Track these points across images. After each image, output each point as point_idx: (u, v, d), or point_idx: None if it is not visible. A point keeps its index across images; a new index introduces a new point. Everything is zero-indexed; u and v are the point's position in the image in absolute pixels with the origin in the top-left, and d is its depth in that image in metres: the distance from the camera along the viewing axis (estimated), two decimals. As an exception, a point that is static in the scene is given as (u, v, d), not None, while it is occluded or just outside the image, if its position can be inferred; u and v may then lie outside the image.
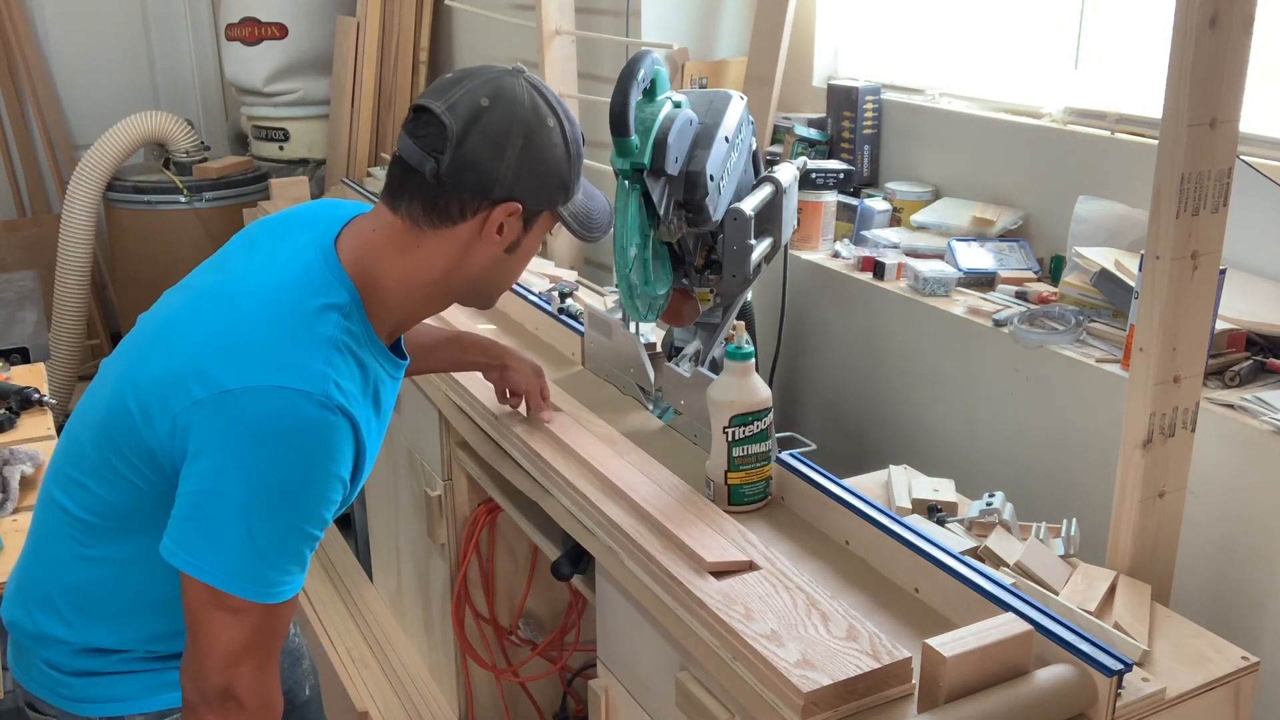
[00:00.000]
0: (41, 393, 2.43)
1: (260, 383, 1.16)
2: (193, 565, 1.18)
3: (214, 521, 1.17)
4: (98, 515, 1.29)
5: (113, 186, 4.26)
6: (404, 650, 2.70)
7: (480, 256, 1.31)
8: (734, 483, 1.62)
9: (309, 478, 1.18)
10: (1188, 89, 1.36)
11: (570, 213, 1.36)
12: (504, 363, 1.88)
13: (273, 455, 1.15)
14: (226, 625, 1.19)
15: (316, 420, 1.17)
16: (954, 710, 1.19)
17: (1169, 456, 1.50)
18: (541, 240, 1.39)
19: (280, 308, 1.23)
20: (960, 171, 2.79)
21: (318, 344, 1.21)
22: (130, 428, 1.22)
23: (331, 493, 1.21)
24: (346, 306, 1.25)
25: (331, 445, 1.19)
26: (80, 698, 1.34)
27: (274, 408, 1.15)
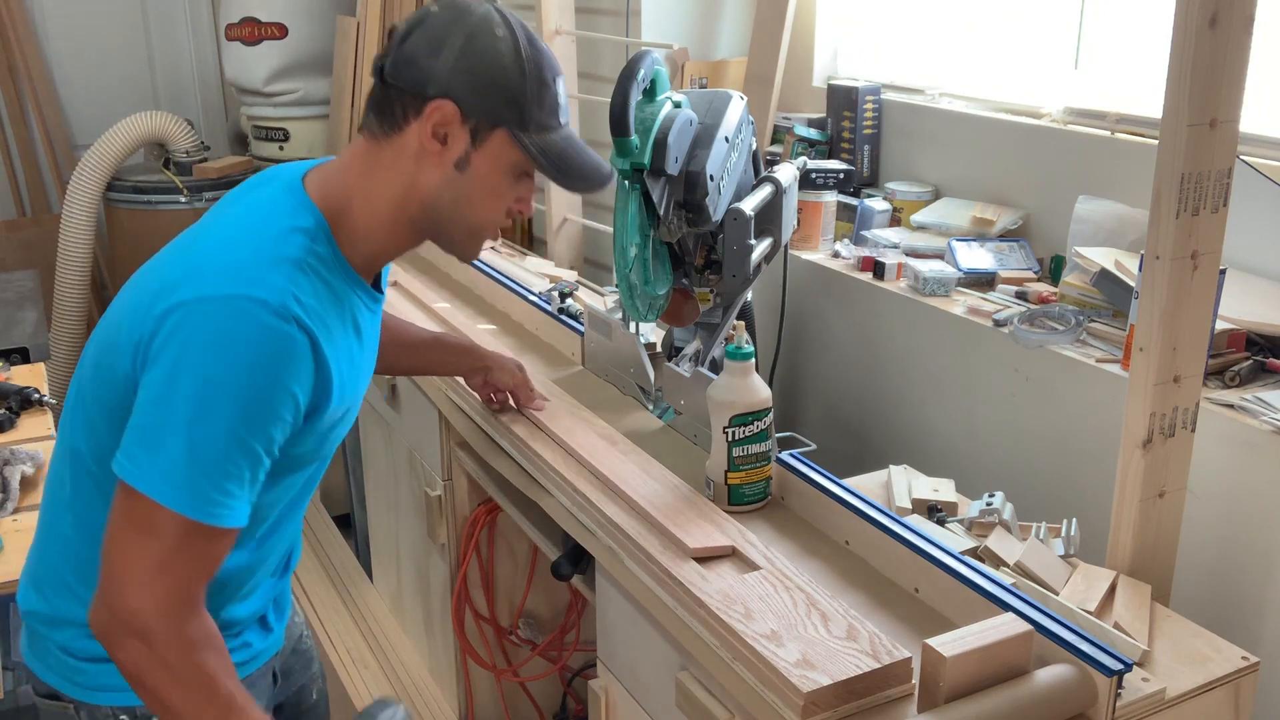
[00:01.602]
0: (41, 393, 2.43)
1: (216, 292, 1.15)
2: (129, 471, 1.14)
3: (158, 429, 1.13)
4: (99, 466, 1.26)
5: (113, 186, 4.25)
6: (404, 650, 2.70)
7: (430, 172, 1.27)
8: (734, 483, 1.62)
9: (257, 386, 1.14)
10: (1188, 89, 1.36)
11: (536, 146, 1.28)
12: (486, 365, 1.88)
13: (223, 361, 1.13)
14: (147, 541, 1.14)
15: (271, 329, 1.14)
16: (954, 710, 1.19)
17: (1169, 456, 1.50)
18: (506, 173, 1.29)
19: (245, 230, 1.23)
20: (960, 171, 2.79)
21: (280, 262, 1.19)
22: (110, 367, 1.22)
23: (281, 408, 1.17)
24: (313, 230, 1.24)
25: (284, 356, 1.16)
26: (95, 685, 1.32)
27: (228, 314, 1.14)
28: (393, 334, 1.74)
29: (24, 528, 1.96)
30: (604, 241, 3.38)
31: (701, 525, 1.54)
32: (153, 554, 1.14)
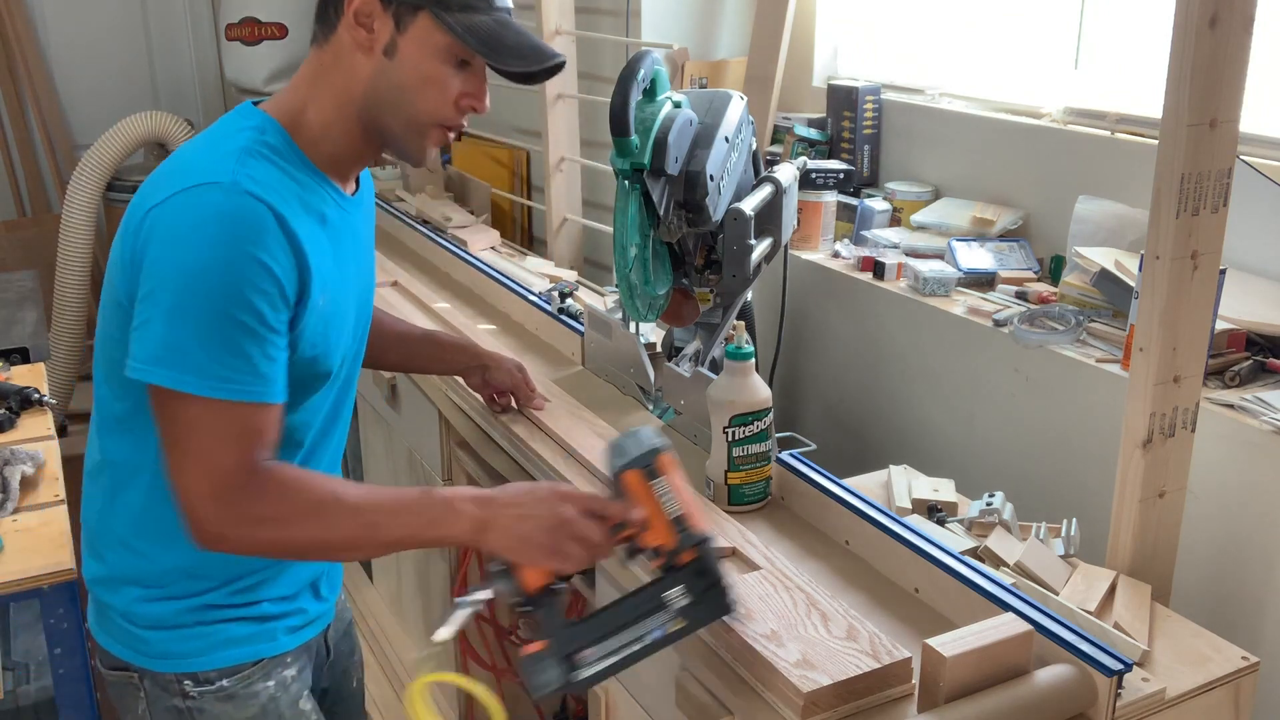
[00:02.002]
0: (41, 393, 2.43)
1: (173, 190, 1.20)
2: (136, 368, 1.19)
3: (150, 323, 1.18)
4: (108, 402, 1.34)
5: (113, 186, 4.25)
6: (404, 650, 2.70)
7: (362, 63, 1.29)
8: (734, 483, 1.62)
9: (226, 259, 1.17)
10: (1188, 89, 1.36)
11: (461, 25, 1.26)
12: (483, 363, 1.88)
13: (189, 245, 1.17)
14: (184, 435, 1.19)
15: (226, 204, 1.18)
16: (954, 710, 1.19)
17: (1169, 456, 1.50)
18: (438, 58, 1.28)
19: (197, 143, 1.29)
20: (960, 171, 2.79)
21: (229, 152, 1.24)
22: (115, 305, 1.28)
23: (255, 277, 1.18)
24: (260, 125, 1.28)
25: (245, 226, 1.18)
26: (157, 654, 1.35)
27: (186, 204, 1.19)
28: (384, 328, 1.74)
29: (24, 527, 1.96)
30: (604, 241, 3.38)
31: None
32: (193, 447, 1.18)
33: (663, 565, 1.22)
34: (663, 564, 1.22)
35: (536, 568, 1.21)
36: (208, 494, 1.19)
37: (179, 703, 1.37)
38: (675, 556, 1.20)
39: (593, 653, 1.18)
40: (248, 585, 1.38)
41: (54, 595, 1.86)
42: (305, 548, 1.25)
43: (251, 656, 1.38)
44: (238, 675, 1.38)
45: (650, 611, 1.20)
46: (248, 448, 1.21)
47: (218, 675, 1.37)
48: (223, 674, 1.37)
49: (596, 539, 1.22)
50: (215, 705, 1.37)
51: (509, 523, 1.22)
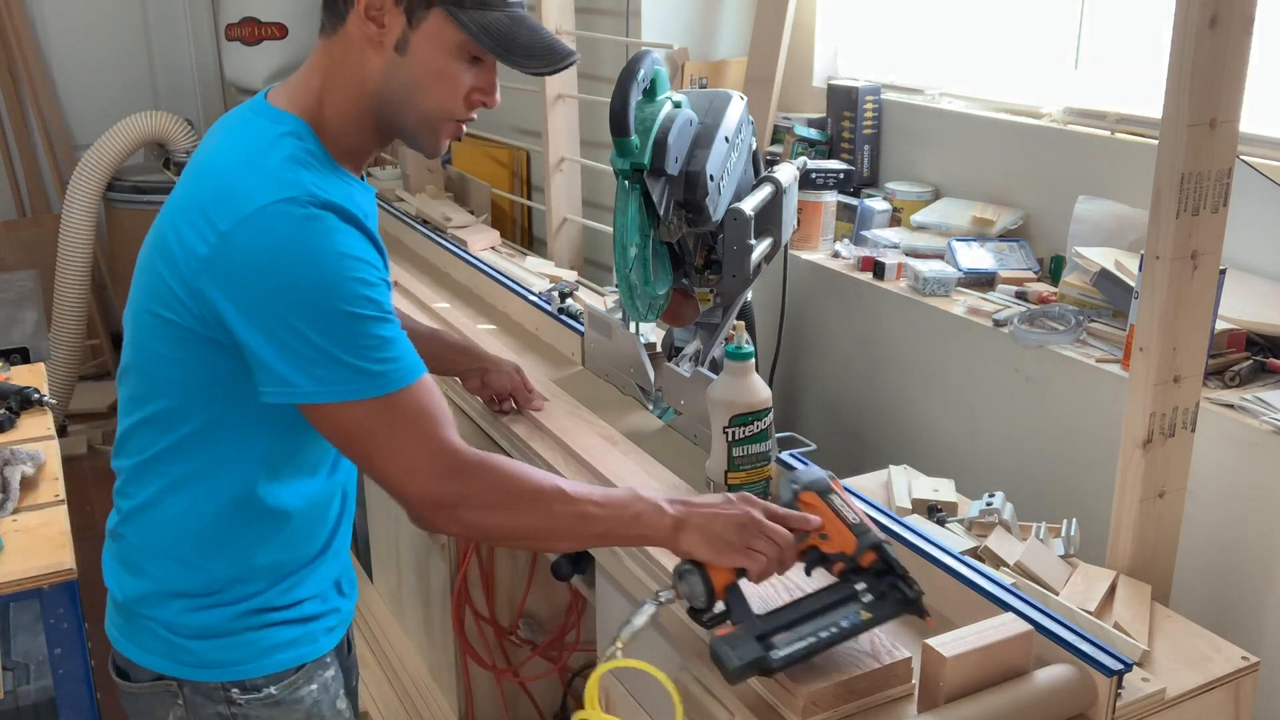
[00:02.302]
0: (41, 393, 2.43)
1: (244, 211, 1.17)
2: (289, 392, 1.19)
3: (279, 349, 1.17)
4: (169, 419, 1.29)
5: (113, 186, 4.26)
6: (404, 650, 2.70)
7: (373, 58, 1.27)
8: (734, 483, 1.62)
9: (332, 266, 1.18)
10: (1188, 89, 1.36)
11: (476, 23, 1.24)
12: (483, 366, 1.88)
13: (293, 265, 1.17)
14: (373, 436, 1.21)
15: (307, 215, 1.18)
16: (954, 710, 1.19)
17: (1169, 456, 1.50)
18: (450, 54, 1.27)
19: (238, 155, 1.24)
20: (960, 171, 2.79)
21: (280, 163, 1.22)
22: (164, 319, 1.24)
23: (357, 271, 1.20)
24: (299, 130, 1.27)
25: (334, 231, 1.19)
26: (202, 663, 1.34)
27: (269, 225, 1.17)
28: None
29: (24, 527, 1.96)
30: (604, 241, 3.38)
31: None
32: (385, 449, 1.21)
33: (844, 570, 1.27)
34: (843, 568, 1.27)
35: (726, 567, 1.25)
36: (432, 475, 1.22)
37: (223, 710, 1.35)
38: (856, 560, 1.26)
39: (785, 637, 1.22)
40: (291, 585, 1.38)
41: (54, 595, 1.86)
42: (526, 532, 1.29)
43: (296, 661, 1.38)
44: (284, 682, 1.37)
45: (839, 604, 1.25)
46: (441, 424, 1.23)
47: (265, 682, 1.36)
48: (269, 680, 1.36)
49: (783, 540, 1.26)
50: (261, 712, 1.36)
51: (702, 522, 1.26)
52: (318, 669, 1.41)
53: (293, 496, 1.35)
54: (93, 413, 4.55)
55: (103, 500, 4.08)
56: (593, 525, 1.27)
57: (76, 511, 2.14)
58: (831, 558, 1.28)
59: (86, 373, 4.70)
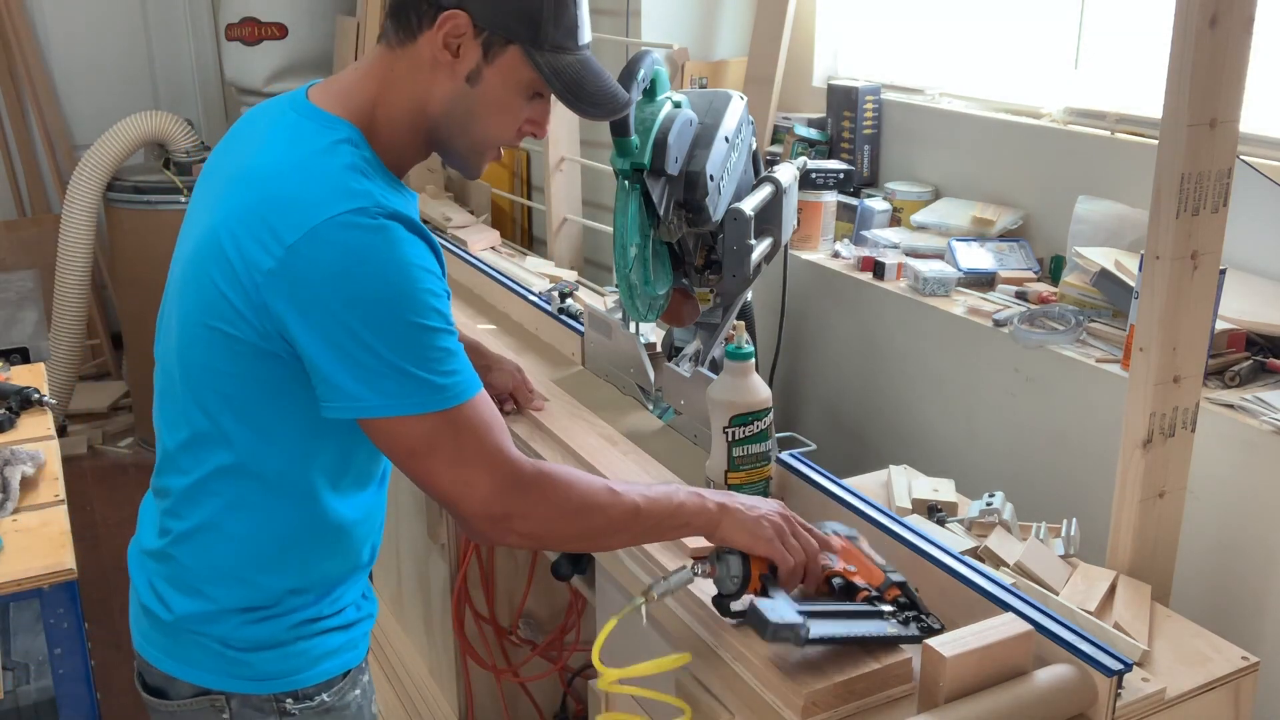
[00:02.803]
0: (41, 393, 2.43)
1: (314, 221, 1.15)
2: (355, 407, 1.18)
3: (345, 362, 1.16)
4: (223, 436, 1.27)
5: (113, 186, 4.25)
6: (404, 650, 2.70)
7: (442, 85, 1.26)
8: (734, 483, 1.62)
9: (400, 277, 1.17)
10: (1188, 89, 1.36)
11: (550, 66, 1.26)
12: (485, 364, 1.89)
13: (361, 277, 1.15)
14: (437, 455, 1.20)
15: (374, 226, 1.17)
16: (954, 710, 1.19)
17: (1169, 456, 1.50)
18: (518, 91, 1.28)
19: (297, 157, 1.22)
20: (960, 171, 2.79)
21: (342, 170, 1.21)
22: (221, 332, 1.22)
23: (426, 283, 1.19)
24: (354, 139, 1.25)
25: (400, 241, 1.18)
26: (256, 675, 1.34)
27: (335, 237, 1.15)
28: None
29: (24, 527, 1.96)
30: (604, 241, 3.38)
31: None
32: (447, 463, 1.20)
33: (868, 598, 1.32)
34: (867, 596, 1.32)
35: (762, 556, 1.30)
36: (492, 490, 1.21)
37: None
38: (881, 592, 1.32)
39: (818, 622, 1.24)
40: (337, 594, 1.39)
41: (54, 595, 1.86)
42: (581, 535, 1.31)
43: (344, 667, 1.39)
44: (335, 689, 1.39)
45: (867, 617, 1.28)
46: (500, 435, 1.23)
47: (317, 690, 1.37)
48: (320, 688, 1.37)
49: (811, 548, 1.32)
50: (312, 719, 1.37)
51: (742, 513, 1.31)
52: (359, 674, 1.43)
53: (350, 509, 1.35)
54: (93, 413, 4.55)
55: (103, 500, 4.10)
56: (644, 520, 1.29)
57: (76, 511, 2.14)
58: (857, 586, 1.33)
59: (86, 373, 4.70)
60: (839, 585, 1.34)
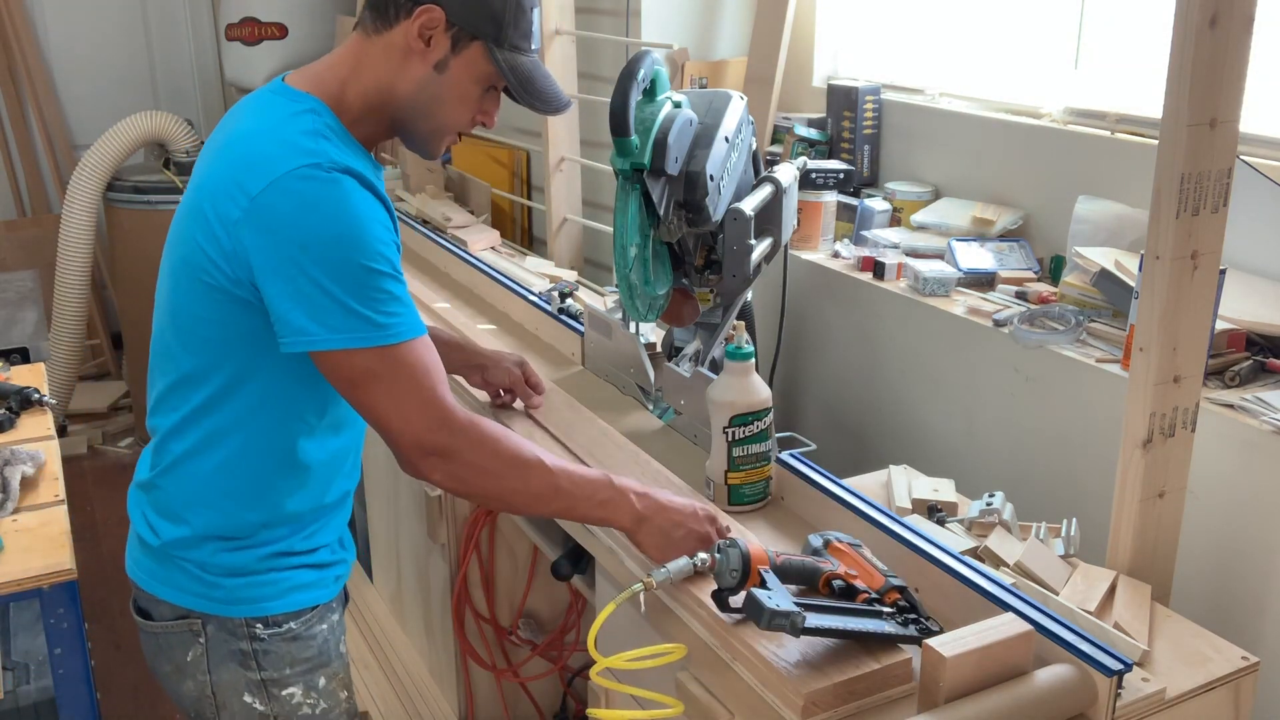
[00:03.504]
0: (41, 393, 2.43)
1: (274, 175, 1.29)
2: (304, 340, 1.30)
3: (298, 299, 1.29)
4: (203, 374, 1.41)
5: (113, 186, 4.25)
6: (404, 650, 2.70)
7: (413, 70, 1.41)
8: (734, 483, 1.62)
9: (351, 223, 1.30)
10: (1188, 89, 1.36)
11: (507, 63, 1.42)
12: (481, 363, 1.92)
13: (316, 221, 1.29)
14: (374, 382, 1.32)
15: (330, 179, 1.30)
16: (954, 710, 1.19)
17: (1169, 456, 1.50)
18: (477, 81, 1.43)
19: (265, 124, 1.37)
20: (960, 171, 2.79)
21: (301, 134, 1.35)
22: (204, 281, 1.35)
23: (374, 231, 1.32)
24: (318, 108, 1.39)
25: (354, 193, 1.32)
26: (231, 599, 1.46)
27: (295, 185, 1.29)
28: None
29: (24, 527, 1.96)
30: (604, 241, 3.38)
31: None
32: (385, 393, 1.33)
33: (867, 599, 1.33)
34: (867, 598, 1.33)
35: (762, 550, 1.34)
36: (425, 424, 1.33)
37: (245, 645, 1.47)
38: (881, 595, 1.34)
39: (815, 616, 1.26)
40: (310, 533, 1.51)
41: (54, 595, 1.86)
42: (501, 494, 1.40)
43: (312, 602, 1.51)
44: (302, 619, 1.50)
45: (867, 615, 1.30)
46: (438, 381, 1.36)
47: (286, 618, 1.49)
48: (289, 617, 1.49)
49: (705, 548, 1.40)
50: (281, 646, 1.49)
51: (664, 525, 1.42)
52: (328, 611, 1.55)
53: (317, 450, 1.48)
54: (93, 413, 4.55)
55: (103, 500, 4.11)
56: (562, 499, 1.41)
57: (76, 511, 2.14)
58: (857, 588, 1.34)
59: (86, 373, 4.70)
60: (839, 587, 1.34)
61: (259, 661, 1.48)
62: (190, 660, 1.48)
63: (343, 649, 1.59)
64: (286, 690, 1.50)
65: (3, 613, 2.88)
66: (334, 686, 1.55)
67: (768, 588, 1.28)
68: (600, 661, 1.29)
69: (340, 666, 1.56)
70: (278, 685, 1.49)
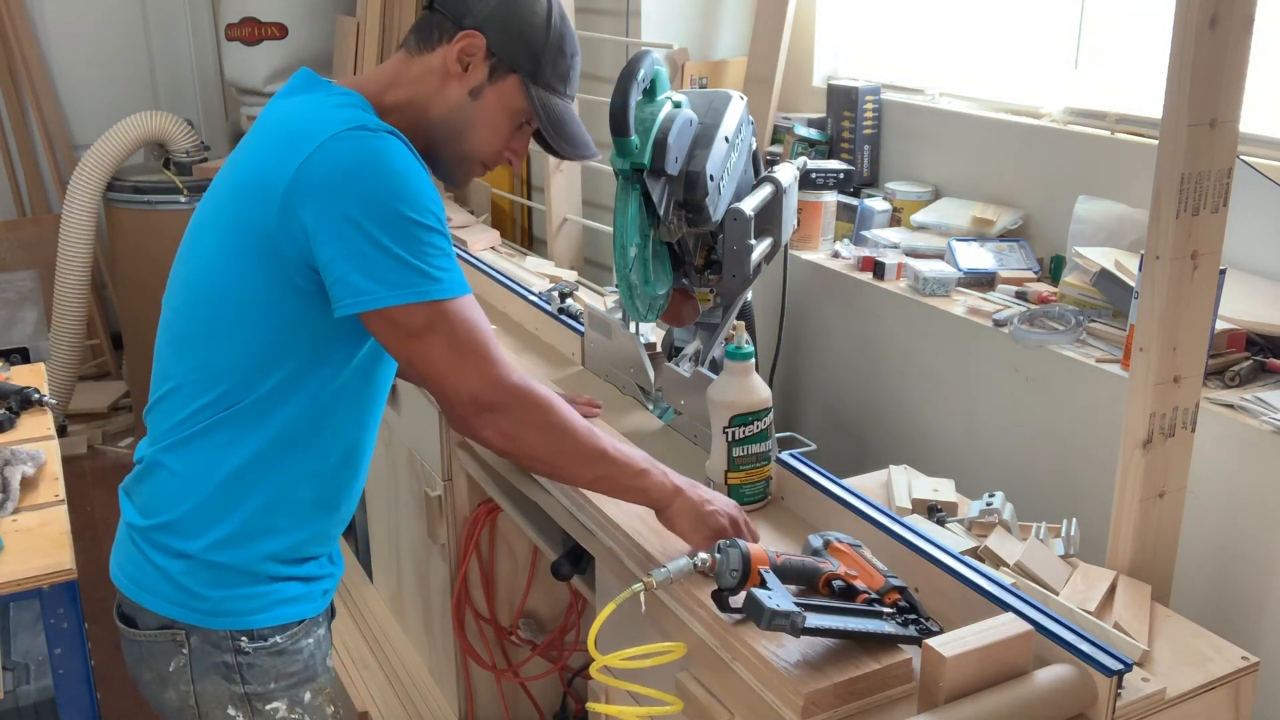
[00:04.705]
0: (41, 393, 2.43)
1: (322, 138, 1.29)
2: (363, 300, 1.29)
3: (354, 259, 1.28)
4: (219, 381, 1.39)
5: (113, 186, 4.25)
6: (404, 650, 2.70)
7: (449, 93, 1.44)
8: (734, 483, 1.62)
9: (402, 181, 1.30)
10: (1188, 89, 1.36)
11: (540, 100, 1.46)
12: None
13: (366, 180, 1.29)
14: (430, 343, 1.31)
15: (377, 140, 1.31)
16: (954, 710, 1.19)
17: (1169, 456, 1.50)
18: (509, 114, 1.46)
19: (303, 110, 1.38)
20: (960, 171, 2.79)
21: (346, 106, 1.37)
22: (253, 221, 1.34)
23: (422, 187, 1.32)
24: (362, 103, 1.41)
25: (401, 154, 1.32)
26: (215, 611, 1.43)
27: (344, 147, 1.29)
28: None
29: (24, 527, 1.96)
30: (604, 241, 3.38)
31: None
32: (443, 348, 1.32)
33: (867, 600, 1.33)
34: (867, 598, 1.33)
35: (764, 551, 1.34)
36: (482, 380, 1.33)
37: (229, 658, 1.44)
38: (881, 596, 1.34)
39: (815, 616, 1.26)
40: (301, 545, 1.48)
41: (54, 595, 1.86)
42: (548, 455, 1.40)
43: (298, 616, 1.48)
44: (288, 633, 1.48)
45: (865, 616, 1.30)
46: (492, 339, 1.36)
47: (271, 632, 1.46)
48: (275, 631, 1.46)
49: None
50: (266, 660, 1.46)
51: (695, 502, 1.44)
52: (314, 626, 1.52)
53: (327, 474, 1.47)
54: (93, 413, 4.55)
55: (103, 500, 4.10)
56: (606, 466, 1.41)
57: (76, 511, 2.14)
58: (857, 589, 1.34)
59: (86, 373, 4.70)
60: (839, 588, 1.34)
61: (243, 675, 1.45)
62: (173, 670, 1.46)
63: (330, 663, 1.57)
64: (270, 705, 1.47)
65: (3, 613, 2.88)
66: (320, 701, 1.52)
67: (768, 588, 1.28)
68: (599, 659, 1.29)
69: (326, 681, 1.54)
70: (262, 700, 1.46)
